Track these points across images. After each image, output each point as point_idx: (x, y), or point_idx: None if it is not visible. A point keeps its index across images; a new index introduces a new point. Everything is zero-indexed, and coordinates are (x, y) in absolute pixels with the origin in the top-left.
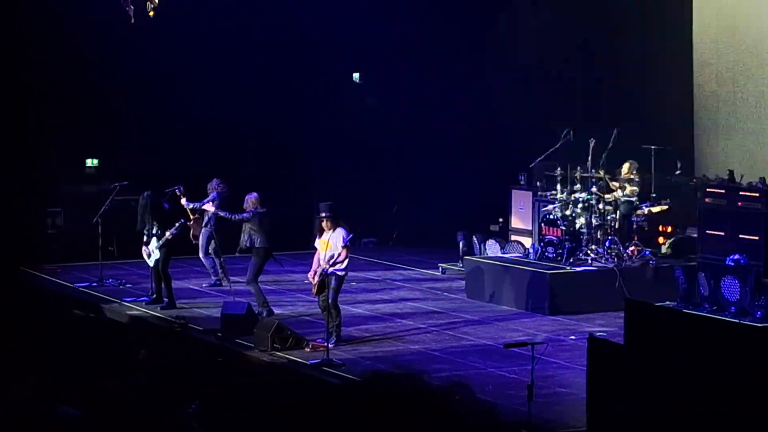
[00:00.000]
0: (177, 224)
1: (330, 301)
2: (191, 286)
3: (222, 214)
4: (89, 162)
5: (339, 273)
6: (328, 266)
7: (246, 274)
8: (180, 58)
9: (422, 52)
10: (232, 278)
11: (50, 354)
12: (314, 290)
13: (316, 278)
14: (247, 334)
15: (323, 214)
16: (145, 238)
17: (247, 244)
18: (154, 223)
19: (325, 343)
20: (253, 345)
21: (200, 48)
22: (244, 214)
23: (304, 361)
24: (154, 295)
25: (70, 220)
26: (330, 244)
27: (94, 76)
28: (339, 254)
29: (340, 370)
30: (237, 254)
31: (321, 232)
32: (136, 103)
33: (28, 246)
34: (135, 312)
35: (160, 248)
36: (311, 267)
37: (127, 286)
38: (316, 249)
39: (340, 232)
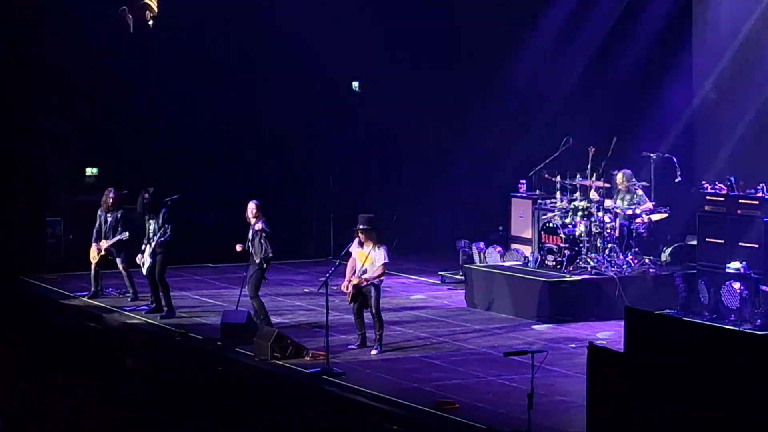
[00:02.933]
0: (168, 232)
1: (373, 310)
2: (191, 295)
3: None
4: (89, 171)
5: (376, 283)
6: (363, 281)
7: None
8: (179, 66)
9: (421, 60)
10: (227, 288)
11: (49, 362)
12: (348, 298)
13: (350, 288)
14: (247, 343)
15: (360, 226)
16: (142, 246)
17: (263, 255)
18: (151, 224)
19: (357, 347)
20: (253, 354)
21: (199, 56)
22: (266, 227)
23: (304, 370)
24: (154, 305)
25: (70, 230)
26: (371, 258)
27: (94, 85)
28: (376, 271)
29: (340, 379)
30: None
31: (361, 242)
32: (135, 112)
33: (28, 255)
34: (135, 321)
35: (151, 255)
36: (345, 275)
37: (127, 295)
38: (349, 255)
39: (382, 251)
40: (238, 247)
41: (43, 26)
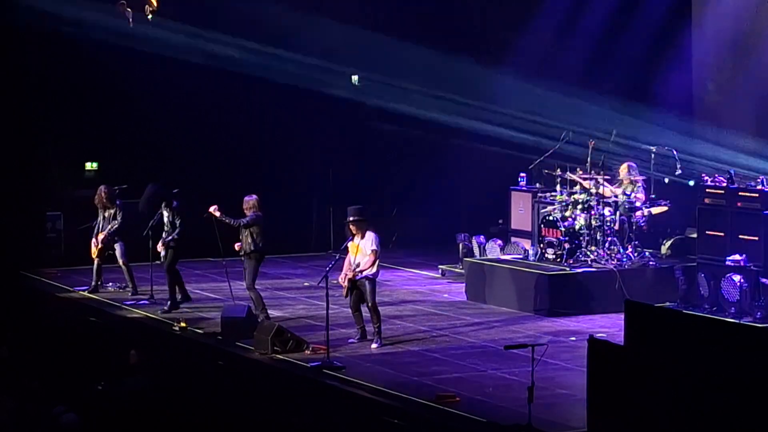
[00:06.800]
0: (177, 226)
1: (369, 304)
2: (191, 289)
3: (227, 220)
4: (88, 166)
5: (370, 276)
6: (357, 272)
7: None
8: (178, 61)
9: (421, 54)
10: (227, 282)
11: (50, 357)
12: (344, 293)
13: (346, 282)
14: (248, 337)
15: (350, 218)
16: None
17: (252, 248)
18: (165, 216)
19: (353, 340)
20: (253, 348)
21: (198, 51)
22: (248, 218)
23: (305, 364)
24: (180, 296)
25: (70, 224)
26: (360, 248)
27: (93, 80)
28: (367, 260)
29: (340, 373)
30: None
31: (352, 235)
32: (135, 106)
33: (28, 250)
34: (135, 315)
35: (164, 247)
36: (342, 269)
37: (127, 289)
38: (347, 251)
39: (370, 237)
40: (237, 246)
41: (42, 21)
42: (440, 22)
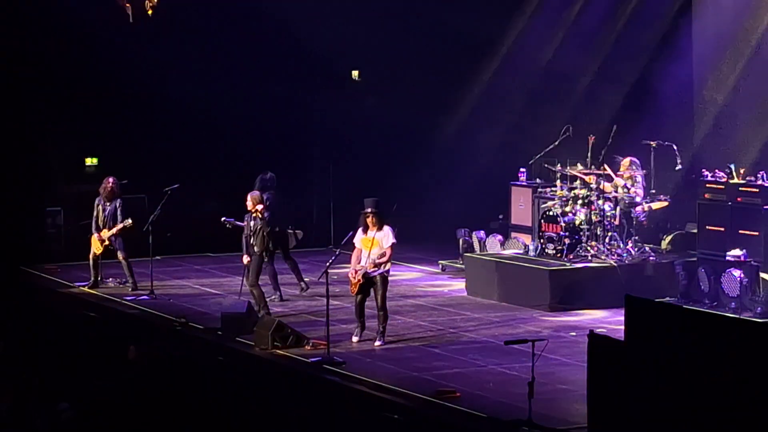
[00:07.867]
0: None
1: (380, 304)
2: (191, 285)
3: (259, 220)
4: (88, 161)
5: (385, 273)
6: (374, 267)
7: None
8: (179, 56)
9: (421, 49)
10: (227, 278)
11: (49, 353)
12: (354, 289)
13: (358, 277)
14: (248, 332)
15: (369, 210)
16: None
17: (271, 246)
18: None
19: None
20: (253, 343)
21: (199, 46)
22: (268, 217)
23: (305, 360)
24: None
25: (70, 220)
26: (376, 241)
27: (93, 75)
28: (384, 253)
29: (340, 368)
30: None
31: (365, 228)
32: (135, 101)
33: (28, 245)
34: (135, 311)
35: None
36: (351, 264)
37: (127, 285)
38: (350, 243)
39: (387, 231)
40: (245, 259)
41: (42, 16)
42: (439, 19)
